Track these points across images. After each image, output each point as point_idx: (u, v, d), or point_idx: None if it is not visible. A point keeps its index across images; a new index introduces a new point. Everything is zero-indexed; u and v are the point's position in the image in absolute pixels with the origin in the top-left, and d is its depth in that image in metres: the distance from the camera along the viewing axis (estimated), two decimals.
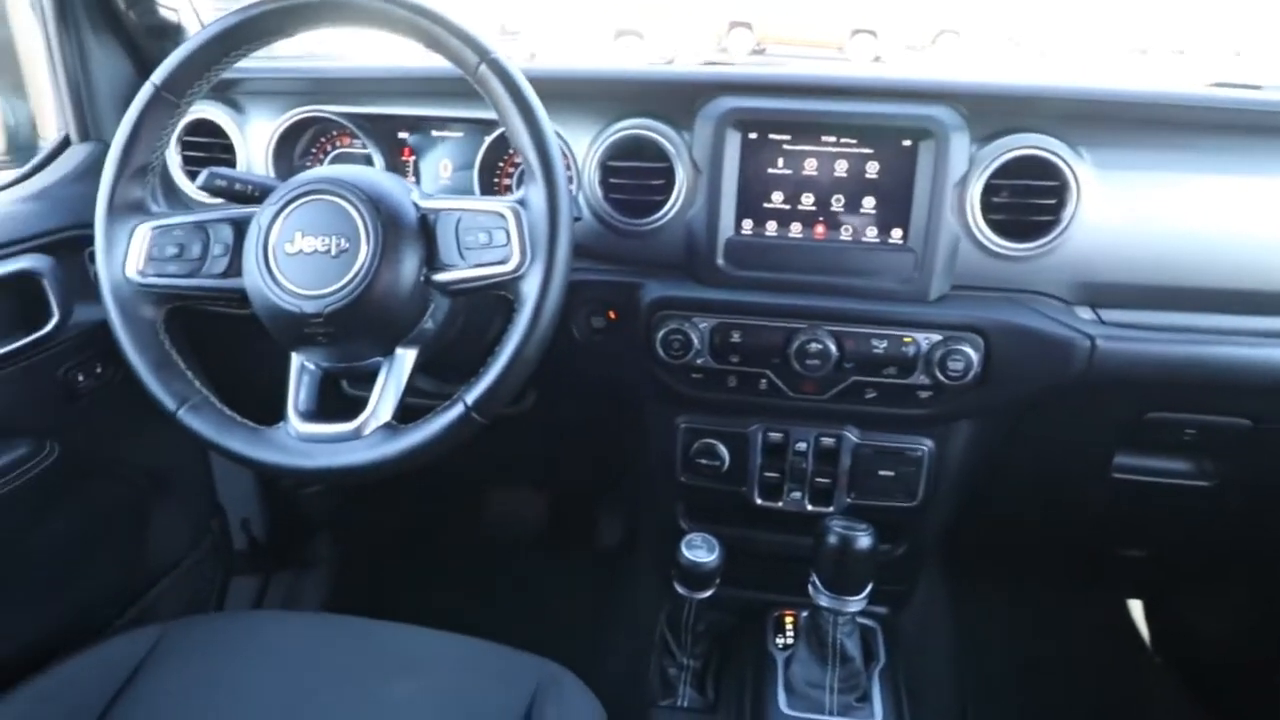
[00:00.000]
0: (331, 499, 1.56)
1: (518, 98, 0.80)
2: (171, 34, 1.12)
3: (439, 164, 1.13)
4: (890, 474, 1.08)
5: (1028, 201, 0.95)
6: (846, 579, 0.98)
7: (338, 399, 0.95)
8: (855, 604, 0.99)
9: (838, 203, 0.99)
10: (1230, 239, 0.96)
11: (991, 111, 0.97)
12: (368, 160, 1.12)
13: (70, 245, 1.00)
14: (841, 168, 0.98)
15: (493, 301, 0.99)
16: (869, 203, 0.98)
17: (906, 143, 0.96)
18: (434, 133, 1.12)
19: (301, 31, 0.85)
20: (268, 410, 0.86)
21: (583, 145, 1.03)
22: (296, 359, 0.86)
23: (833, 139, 0.97)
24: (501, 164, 1.11)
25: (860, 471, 1.08)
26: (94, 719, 0.82)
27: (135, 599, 1.22)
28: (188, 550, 1.32)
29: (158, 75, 0.83)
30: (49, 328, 0.95)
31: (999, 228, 0.96)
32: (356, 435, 0.81)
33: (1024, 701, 1.49)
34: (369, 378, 0.85)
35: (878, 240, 0.99)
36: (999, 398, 1.00)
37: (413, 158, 1.13)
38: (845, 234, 0.99)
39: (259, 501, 1.48)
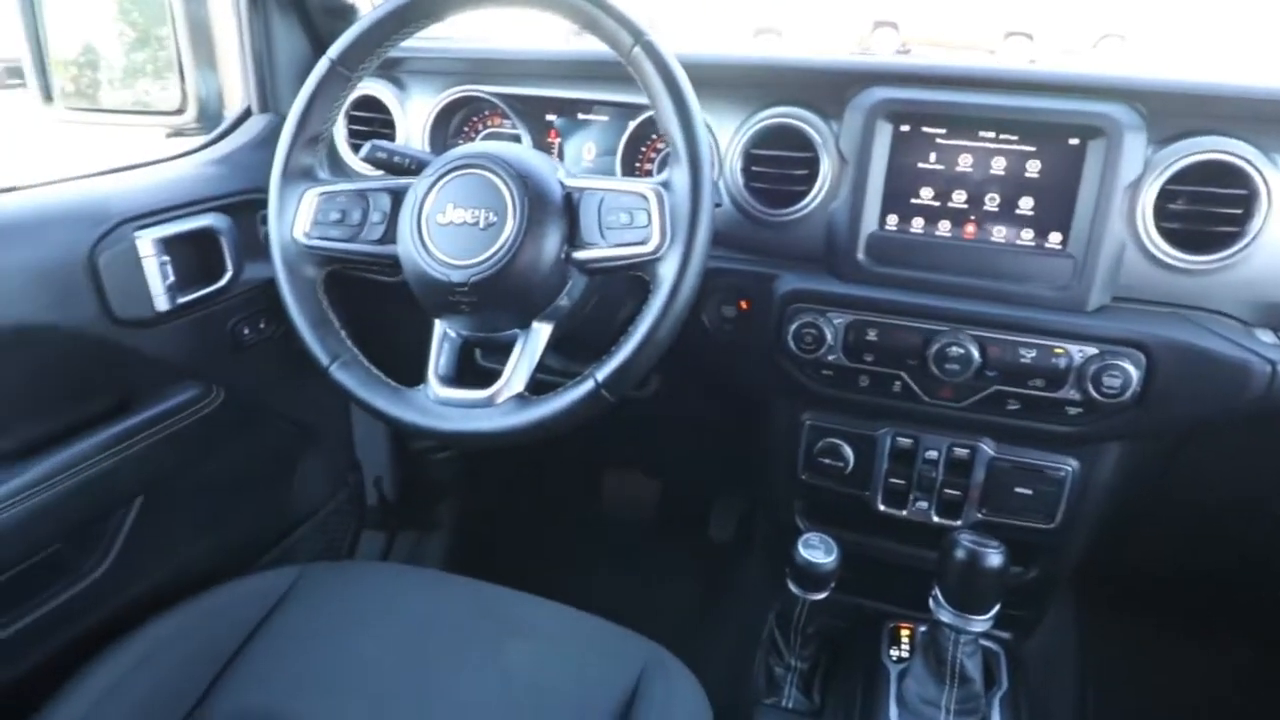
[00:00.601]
0: (457, 465, 1.62)
1: (669, 80, 0.80)
2: (346, 14, 1.20)
3: (583, 146, 1.15)
4: (1027, 492, 1.01)
5: (1209, 210, 0.87)
6: (973, 596, 0.93)
7: (471, 368, 0.99)
8: (979, 624, 0.94)
9: (992, 202, 0.94)
10: None
11: (1174, 112, 0.89)
12: (516, 140, 1.16)
13: (246, 207, 1.09)
14: (999, 165, 0.93)
15: (625, 284, 1.00)
16: (1026, 203, 0.93)
17: (1074, 141, 0.90)
18: (580, 115, 1.14)
19: (467, 11, 0.88)
20: (406, 373, 0.90)
21: (727, 132, 1.02)
22: (440, 326, 0.90)
23: (991, 134, 0.93)
24: (644, 149, 1.12)
25: (994, 486, 1.02)
26: (238, 644, 0.89)
27: (278, 540, 1.31)
28: (326, 500, 1.41)
29: (334, 50, 0.88)
30: (224, 281, 1.03)
31: (1172, 237, 0.89)
32: (489, 403, 0.83)
33: None
34: (502, 349, 0.87)
35: (1033, 244, 0.93)
36: (1158, 421, 0.93)
37: (558, 139, 1.16)
38: (998, 235, 0.94)
39: (392, 461, 1.56)
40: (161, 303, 0.95)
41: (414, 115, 1.16)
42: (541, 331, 0.86)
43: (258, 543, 1.28)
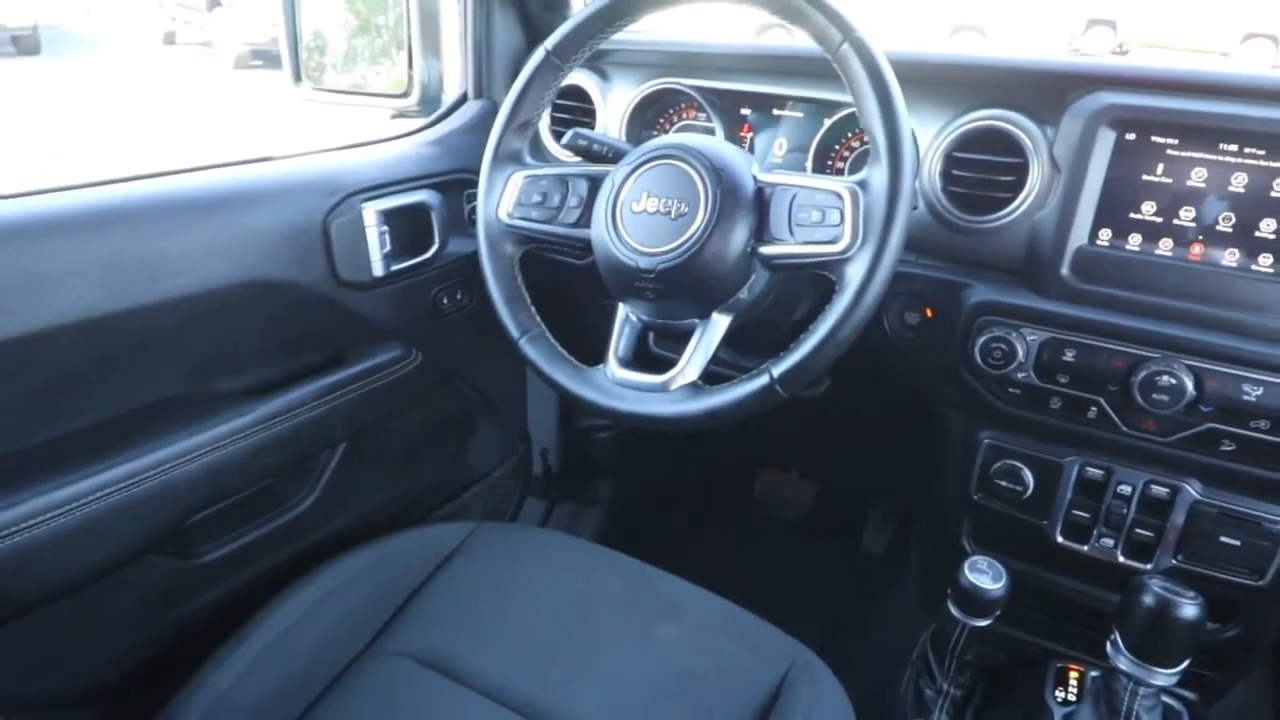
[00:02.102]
0: (619, 447, 1.68)
1: (876, 78, 0.79)
2: (560, 8, 1.26)
3: (774, 142, 1.15)
4: (1235, 543, 0.92)
5: None
6: (1158, 647, 0.85)
7: (645, 353, 1.02)
8: (1163, 678, 0.86)
9: (1226, 221, 0.85)
10: None
11: None
12: (710, 133, 1.17)
13: (456, 186, 1.17)
14: (1239, 182, 0.84)
15: (804, 282, 0.99)
16: (1269, 226, 0.84)
17: None
18: (774, 111, 1.14)
19: (678, 6, 0.91)
20: (584, 352, 0.94)
21: (928, 133, 0.99)
22: (623, 309, 0.93)
23: (1233, 148, 0.84)
24: (837, 147, 1.10)
25: (1195, 532, 0.93)
26: (413, 588, 0.97)
27: (453, 497, 1.41)
28: (498, 465, 1.50)
29: (550, 41, 0.94)
30: (430, 253, 1.12)
31: None
32: (664, 388, 0.86)
33: None
34: (679, 337, 0.89)
35: (1272, 271, 0.84)
36: None
37: (750, 134, 1.17)
38: (1229, 258, 0.86)
39: (558, 436, 1.63)
40: (378, 268, 1.05)
41: (614, 106, 1.20)
42: (720, 322, 0.88)
43: (435, 496, 1.39)
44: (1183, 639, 0.84)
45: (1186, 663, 0.86)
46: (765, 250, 0.83)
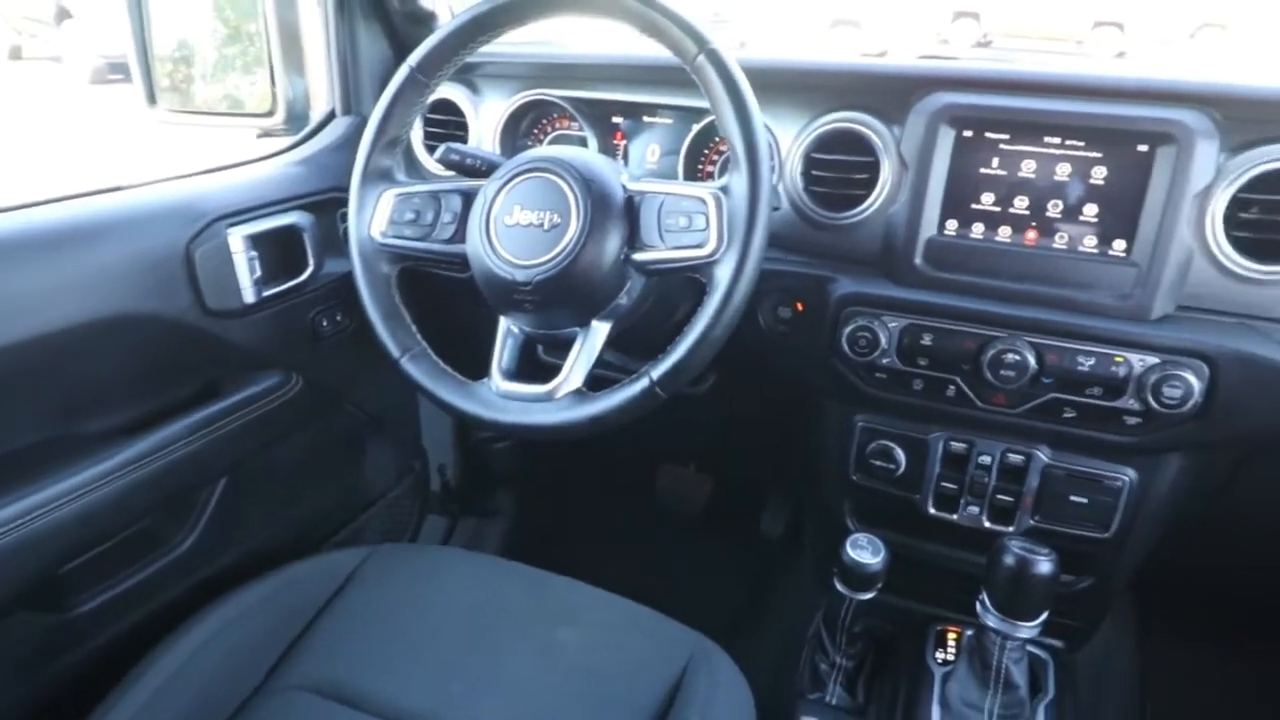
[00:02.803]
0: (517, 456, 1.68)
1: (731, 88, 0.82)
2: (427, 20, 1.25)
3: (647, 148, 1.18)
4: (1082, 501, 1.01)
5: None
6: (1020, 603, 0.93)
7: (534, 363, 1.03)
8: (1026, 630, 0.94)
9: (1055, 208, 0.93)
10: None
11: (1250, 118, 0.87)
12: (583, 142, 1.19)
13: (328, 205, 1.15)
14: (1063, 171, 0.92)
15: (682, 284, 1.03)
16: (1091, 210, 0.92)
17: (1143, 148, 0.89)
18: (645, 118, 1.17)
19: (541, 19, 0.92)
20: (472, 366, 0.94)
21: (789, 136, 1.04)
22: (504, 322, 0.94)
23: (1057, 140, 0.92)
24: (706, 151, 1.14)
25: (1048, 494, 1.02)
26: (309, 618, 0.95)
27: (348, 521, 1.39)
28: (393, 485, 1.48)
29: (413, 57, 0.93)
30: (305, 276, 1.10)
31: (1243, 246, 0.87)
32: (549, 398, 0.87)
33: None
34: (564, 346, 0.91)
35: (1096, 251, 0.92)
36: (1220, 434, 0.91)
37: (624, 141, 1.19)
38: (1060, 242, 0.94)
39: (455, 450, 1.62)
40: (249, 295, 1.02)
41: (486, 118, 1.21)
42: (600, 330, 0.90)
43: (328, 523, 1.36)
44: (1041, 593, 0.92)
45: (1045, 615, 0.94)
46: (638, 257, 0.86)
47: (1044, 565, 0.91)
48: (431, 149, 1.21)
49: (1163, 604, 1.50)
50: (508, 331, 0.94)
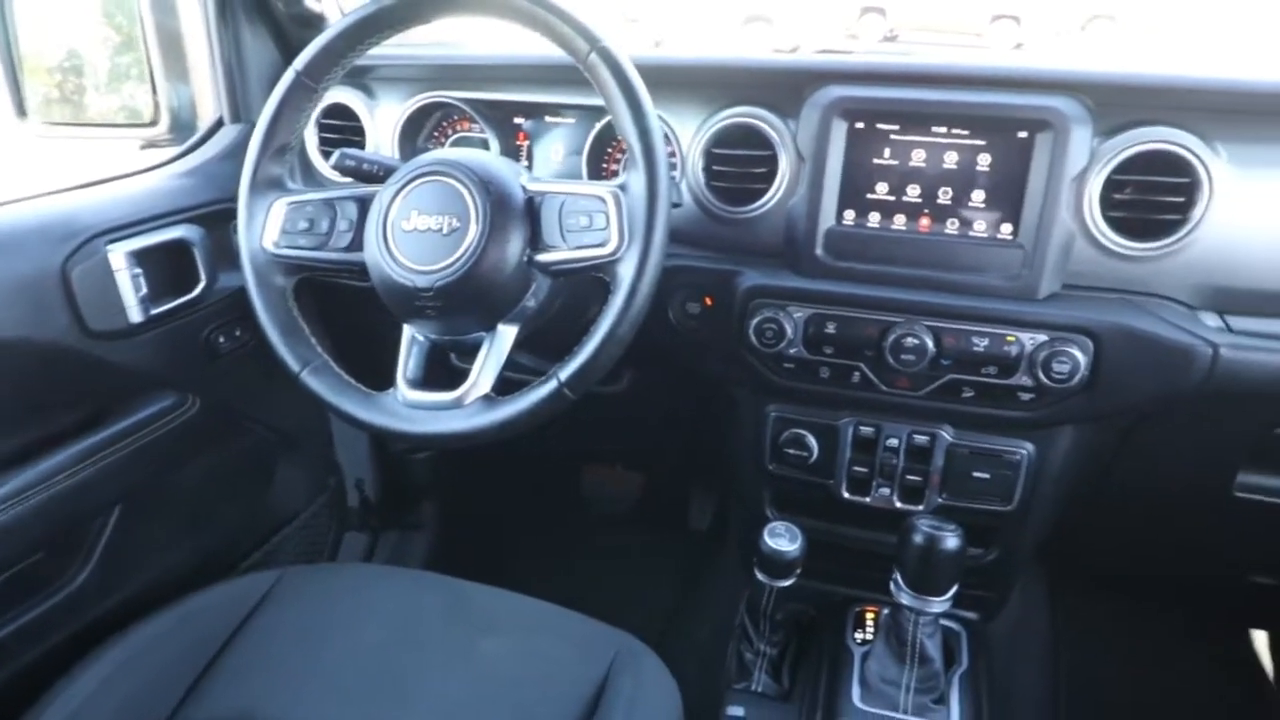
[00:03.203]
0: (439, 466, 1.65)
1: (624, 85, 0.82)
2: (315, 23, 1.21)
3: (551, 148, 1.17)
4: (985, 476, 1.04)
5: (1153, 199, 0.90)
6: (930, 579, 0.96)
7: (446, 370, 1.01)
8: (938, 605, 0.97)
9: (945, 195, 0.96)
10: None
11: (1119, 103, 0.92)
12: (485, 144, 1.18)
13: (219, 217, 1.11)
14: (951, 159, 0.95)
15: (592, 283, 1.02)
16: (978, 196, 0.95)
17: (1023, 134, 0.92)
18: (547, 118, 1.17)
19: (429, 20, 0.90)
20: (380, 377, 0.92)
21: (688, 132, 1.04)
22: (408, 330, 0.92)
23: (943, 130, 0.95)
24: (610, 150, 1.14)
25: (953, 472, 1.05)
26: (218, 647, 0.91)
27: (259, 545, 1.33)
28: (306, 504, 1.43)
29: (299, 61, 0.90)
30: (196, 292, 1.05)
31: (1119, 225, 0.91)
32: (458, 404, 0.86)
33: None
34: (472, 351, 0.89)
35: (986, 235, 0.96)
36: (1107, 405, 0.95)
37: (527, 142, 1.18)
38: (951, 228, 0.97)
39: (372, 464, 1.58)
40: (135, 314, 0.97)
41: (383, 122, 1.18)
42: (507, 333, 0.89)
43: (239, 548, 1.31)
44: (949, 568, 0.95)
45: (955, 589, 0.97)
46: (541, 258, 0.85)
47: (950, 541, 0.94)
48: (328, 155, 1.18)
49: (1070, 572, 1.57)
50: (412, 339, 0.92)
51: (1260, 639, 1.62)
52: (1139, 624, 1.59)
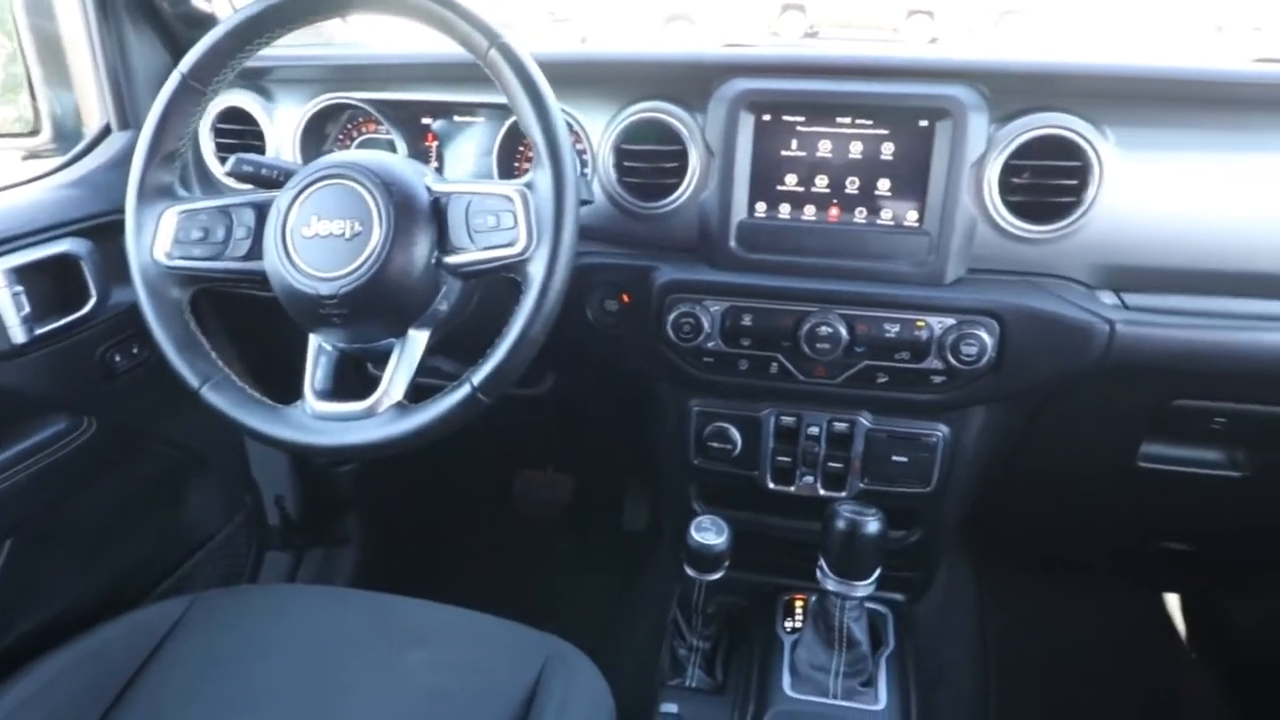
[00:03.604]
0: (364, 478, 1.61)
1: (526, 82, 0.81)
2: (206, 23, 1.16)
3: (462, 149, 1.15)
4: (904, 460, 1.06)
5: (1048, 183, 0.93)
6: (854, 563, 0.97)
7: (362, 379, 0.98)
8: (862, 589, 0.98)
9: (852, 185, 0.97)
10: (1267, 221, 0.92)
11: (1012, 90, 0.94)
12: (391, 146, 1.15)
13: (109, 230, 1.05)
14: (856, 149, 0.96)
15: (507, 284, 1.01)
16: (884, 184, 0.97)
17: (923, 123, 0.94)
18: (457, 118, 1.14)
19: (320, 18, 0.88)
20: (289, 389, 0.89)
21: (597, 128, 1.03)
22: (314, 340, 0.89)
23: (848, 120, 0.96)
24: (521, 148, 1.13)
25: (873, 456, 1.07)
26: (123, 683, 0.87)
27: (171, 570, 1.28)
28: (222, 525, 1.37)
29: (184, 64, 0.87)
30: (86, 309, 1.00)
31: (1018, 209, 0.94)
32: (369, 414, 0.83)
33: (1050, 695, 1.46)
34: (384, 359, 0.87)
35: (893, 223, 0.97)
36: (1014, 384, 0.98)
37: (436, 143, 1.15)
38: (860, 216, 0.98)
39: (292, 480, 1.53)
40: (17, 335, 0.92)
41: (283, 125, 1.14)
42: (418, 338, 0.87)
43: (149, 576, 1.25)
44: (871, 551, 0.96)
45: (878, 572, 0.98)
46: (450, 260, 0.84)
47: (872, 525, 0.95)
48: (226, 161, 1.13)
49: (993, 550, 1.62)
50: (319, 349, 0.90)
51: (1173, 602, 1.70)
52: (1061, 596, 1.65)
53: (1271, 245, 0.92)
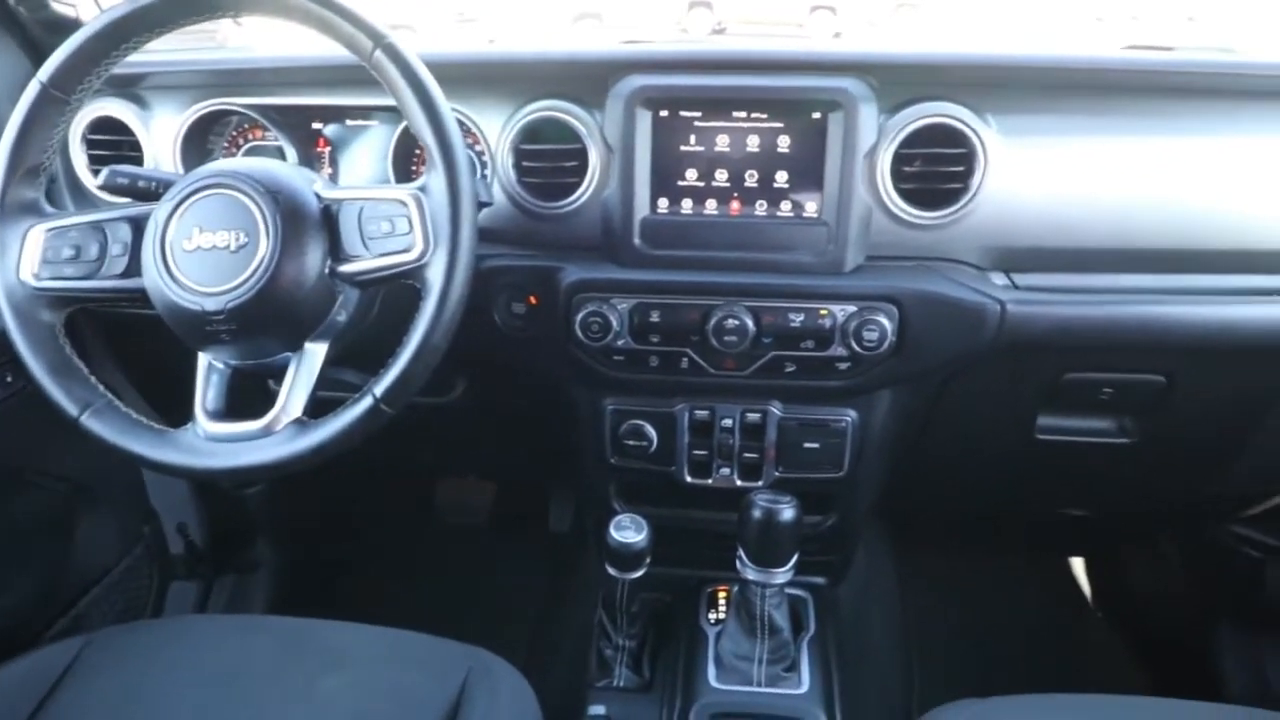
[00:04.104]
0: (275, 499, 1.55)
1: (414, 83, 0.79)
2: (69, 29, 1.09)
3: (356, 154, 1.12)
4: (816, 446, 1.08)
5: (937, 170, 0.96)
6: (771, 551, 0.98)
7: (263, 395, 0.95)
8: (781, 575, 1.00)
9: (751, 178, 0.99)
10: (1142, 200, 0.97)
11: (899, 81, 0.97)
12: (281, 154, 1.10)
13: None
14: (754, 143, 0.97)
15: (408, 290, 0.98)
16: (782, 177, 0.98)
17: (816, 115, 0.96)
18: (349, 122, 1.11)
19: (192, 22, 0.84)
20: (181, 412, 0.85)
21: (495, 129, 1.02)
22: (203, 358, 0.86)
23: (744, 114, 0.97)
24: (418, 151, 1.10)
25: (786, 445, 1.09)
26: None
27: (65, 611, 1.20)
28: (118, 558, 1.30)
29: (44, 72, 0.82)
30: None
31: (910, 197, 0.96)
32: (267, 433, 0.81)
33: (970, 662, 1.52)
34: (281, 374, 0.84)
35: (792, 214, 0.99)
36: (915, 366, 1.01)
37: (328, 148, 1.12)
38: (760, 209, 0.99)
39: (195, 506, 1.46)
40: None
41: (160, 135, 1.08)
42: (316, 351, 0.84)
43: (39, 617, 1.17)
44: (788, 538, 0.98)
45: (796, 558, 1.00)
46: (344, 269, 0.81)
47: (787, 512, 0.96)
48: (99, 174, 1.07)
49: (909, 529, 1.67)
50: (209, 367, 0.86)
51: (1078, 565, 1.80)
52: (975, 567, 1.72)
53: (1145, 223, 0.97)
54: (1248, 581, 1.40)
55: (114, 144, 1.09)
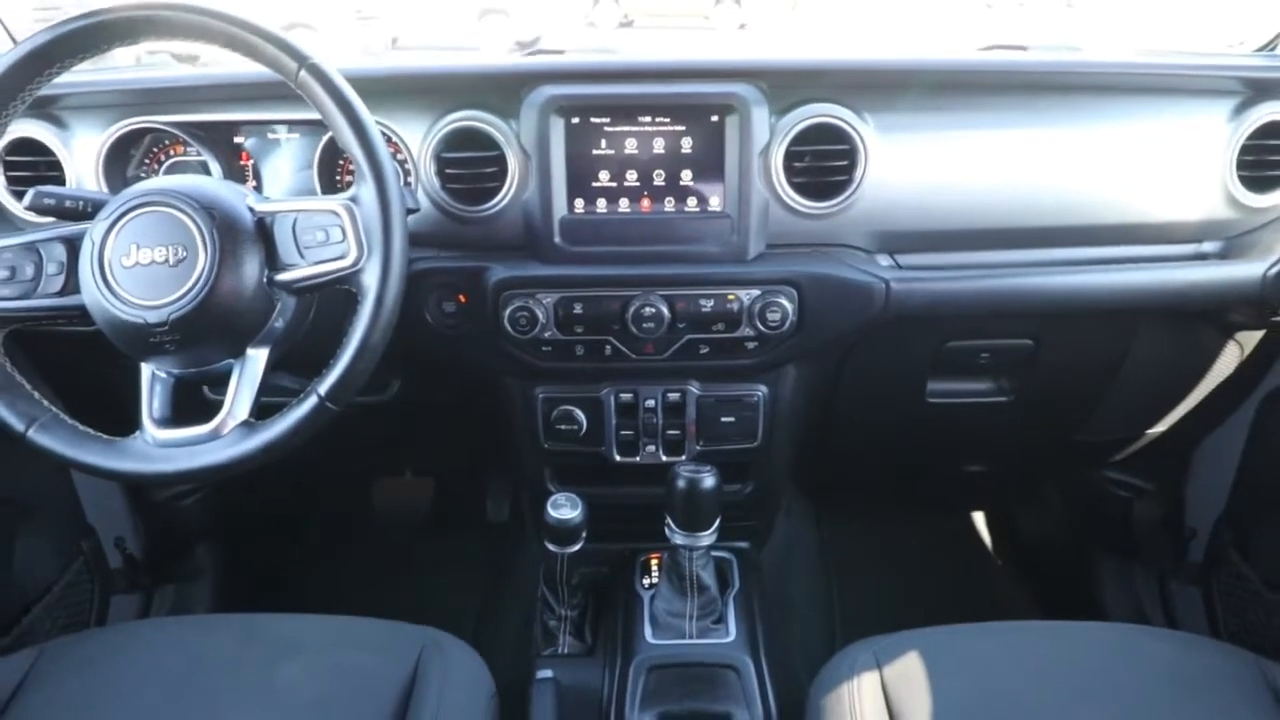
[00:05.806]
0: (212, 506, 1.56)
1: (340, 101, 0.84)
2: None
3: (279, 166, 1.15)
4: (732, 419, 1.18)
5: (824, 165, 1.06)
6: (695, 517, 1.08)
7: (201, 406, 0.98)
8: (706, 539, 1.09)
9: (659, 177, 1.07)
10: (1004, 185, 1.09)
11: (786, 85, 1.07)
12: (204, 168, 1.13)
13: None
14: (659, 145, 1.06)
15: (343, 296, 1.03)
16: (687, 175, 1.07)
17: (714, 118, 1.05)
18: (270, 135, 1.14)
19: (116, 46, 0.86)
20: (126, 423, 0.88)
21: (416, 139, 1.07)
22: (147, 368, 0.88)
23: (649, 119, 1.05)
24: (343, 160, 1.14)
25: (705, 420, 1.18)
26: None
27: (8, 629, 1.20)
28: (59, 574, 1.30)
29: None
30: None
31: (802, 189, 1.06)
32: (215, 436, 0.84)
33: (886, 610, 1.65)
34: (222, 380, 0.88)
35: (698, 209, 1.08)
36: (814, 342, 1.12)
37: (251, 162, 1.15)
38: (669, 205, 1.08)
39: (132, 518, 1.46)
40: None
41: (82, 154, 1.09)
42: (258, 357, 0.88)
43: None
44: (710, 504, 1.07)
45: (718, 522, 1.10)
46: (281, 277, 0.85)
47: (708, 480, 1.06)
48: (20, 196, 1.08)
49: (828, 493, 1.80)
50: (153, 377, 0.89)
51: (979, 519, 1.96)
52: (892, 528, 1.86)
53: (1007, 205, 1.10)
54: (1120, 519, 1.57)
55: (32, 165, 1.10)
